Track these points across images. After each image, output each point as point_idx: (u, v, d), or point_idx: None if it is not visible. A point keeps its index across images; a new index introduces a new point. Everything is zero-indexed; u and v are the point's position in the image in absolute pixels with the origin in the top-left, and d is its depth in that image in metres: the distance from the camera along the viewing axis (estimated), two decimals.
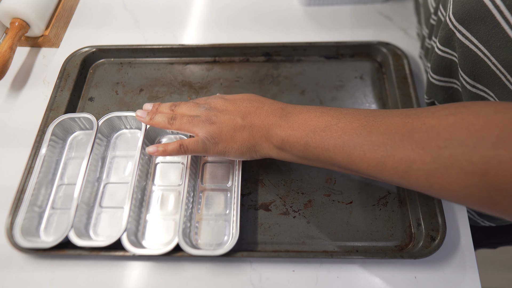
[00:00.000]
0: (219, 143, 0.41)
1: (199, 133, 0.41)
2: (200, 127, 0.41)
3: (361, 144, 0.34)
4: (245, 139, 0.41)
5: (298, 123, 0.39)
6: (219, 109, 0.43)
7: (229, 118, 0.41)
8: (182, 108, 0.44)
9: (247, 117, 0.41)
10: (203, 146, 0.41)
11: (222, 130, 0.41)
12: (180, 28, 0.63)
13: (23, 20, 0.56)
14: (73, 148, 0.50)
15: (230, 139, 0.41)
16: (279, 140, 0.39)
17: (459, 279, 0.42)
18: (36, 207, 0.45)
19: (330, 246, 0.43)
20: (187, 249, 0.40)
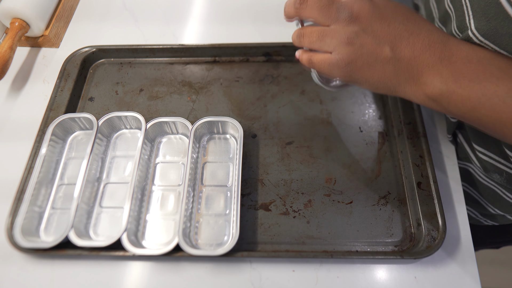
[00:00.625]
0: (352, 70, 0.34)
1: (332, 52, 0.34)
2: (335, 45, 0.33)
3: None
4: (386, 75, 0.33)
5: (468, 79, 0.31)
6: (363, 20, 0.33)
7: (374, 42, 0.33)
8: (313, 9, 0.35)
9: (397, 45, 0.32)
10: (331, 68, 0.34)
11: (361, 56, 0.33)
12: (180, 28, 0.63)
13: (23, 20, 0.56)
14: (73, 148, 0.50)
15: (367, 68, 0.33)
16: (436, 92, 0.32)
17: (459, 279, 0.42)
18: (36, 207, 0.45)
19: (330, 246, 0.43)
20: (187, 249, 0.40)
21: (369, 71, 0.33)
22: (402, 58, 0.32)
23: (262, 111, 0.53)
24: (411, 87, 0.33)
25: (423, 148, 0.48)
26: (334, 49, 0.34)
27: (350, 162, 0.49)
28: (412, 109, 0.51)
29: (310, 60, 0.35)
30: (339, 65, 0.34)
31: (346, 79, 0.35)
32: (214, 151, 0.49)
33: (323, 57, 0.35)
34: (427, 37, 0.33)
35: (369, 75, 0.34)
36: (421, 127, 0.49)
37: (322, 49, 0.35)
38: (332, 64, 0.34)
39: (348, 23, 0.33)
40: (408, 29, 0.33)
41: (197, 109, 0.54)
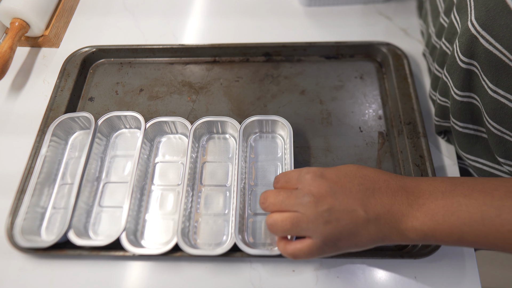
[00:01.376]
0: (341, 245, 0.34)
1: (312, 237, 0.34)
2: (311, 229, 0.34)
3: None
4: (371, 234, 0.34)
5: (441, 215, 0.32)
6: (326, 196, 0.34)
7: (348, 211, 0.34)
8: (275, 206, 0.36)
9: (368, 206, 0.34)
10: (320, 251, 0.35)
11: (343, 229, 0.34)
12: (180, 28, 0.63)
13: (23, 20, 0.56)
14: (75, 148, 0.50)
15: (353, 237, 0.34)
16: (419, 234, 0.33)
17: (459, 279, 0.42)
18: (38, 207, 0.45)
19: None
20: (186, 249, 0.40)
21: (356, 238, 0.34)
22: (378, 216, 0.33)
23: (262, 111, 0.53)
24: (397, 236, 0.34)
25: (423, 148, 0.48)
26: (313, 233, 0.34)
27: (350, 162, 0.49)
28: (412, 109, 0.51)
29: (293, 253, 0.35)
30: (327, 244, 0.34)
31: (335, 253, 0.36)
32: (214, 151, 0.49)
33: (305, 244, 0.35)
34: (387, 188, 0.34)
35: (357, 241, 0.34)
36: (421, 127, 0.49)
37: (299, 234, 0.35)
38: (319, 248, 0.34)
39: (314, 204, 0.34)
40: (368, 187, 0.34)
41: (197, 109, 0.54)
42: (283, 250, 0.37)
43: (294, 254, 0.36)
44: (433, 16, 0.51)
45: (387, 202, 0.34)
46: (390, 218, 0.33)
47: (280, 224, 0.35)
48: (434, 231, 0.32)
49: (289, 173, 0.38)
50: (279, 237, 0.38)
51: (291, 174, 0.38)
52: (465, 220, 0.31)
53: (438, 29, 0.49)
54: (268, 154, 0.49)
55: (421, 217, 0.33)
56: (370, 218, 0.33)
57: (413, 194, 0.34)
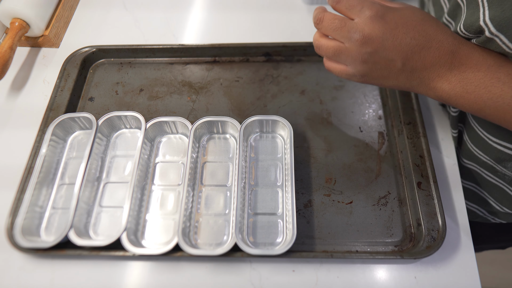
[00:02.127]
0: (368, 80, 0.38)
1: (347, 66, 0.38)
2: (349, 61, 0.37)
3: None
4: (399, 82, 0.37)
5: (474, 85, 0.34)
6: (375, 41, 0.35)
7: (387, 59, 0.36)
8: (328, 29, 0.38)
9: (409, 60, 0.35)
10: (348, 77, 0.39)
11: (375, 70, 0.37)
12: (180, 28, 0.63)
13: (23, 20, 0.56)
14: (74, 148, 0.50)
15: (381, 78, 0.37)
16: (444, 95, 0.36)
17: (459, 279, 0.42)
18: (37, 207, 0.45)
19: (330, 246, 0.43)
20: (187, 249, 0.40)
21: (384, 80, 0.37)
22: (414, 70, 0.36)
23: (262, 111, 0.53)
24: (423, 89, 0.37)
25: (423, 148, 0.48)
26: (349, 64, 0.38)
27: (350, 162, 0.49)
28: (412, 109, 0.51)
29: (328, 68, 0.40)
30: (356, 76, 0.38)
31: (362, 83, 0.40)
32: (214, 150, 0.49)
33: (341, 69, 0.39)
34: (437, 49, 0.35)
35: (384, 82, 0.38)
36: (421, 127, 0.49)
37: (338, 62, 0.39)
38: (349, 75, 0.39)
39: (361, 44, 0.36)
40: (419, 44, 0.35)
41: (197, 109, 0.54)
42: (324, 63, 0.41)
43: (329, 68, 0.40)
44: (437, 17, 0.51)
45: (429, 61, 0.35)
46: (424, 75, 0.36)
47: (324, 49, 0.39)
48: (459, 97, 0.35)
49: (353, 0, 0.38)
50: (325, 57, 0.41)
51: (354, 2, 0.37)
52: (494, 96, 0.33)
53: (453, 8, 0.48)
54: (268, 154, 0.49)
55: (453, 82, 0.35)
56: (405, 69, 0.36)
57: (459, 60, 0.35)
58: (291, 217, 0.42)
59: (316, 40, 0.40)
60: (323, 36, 0.39)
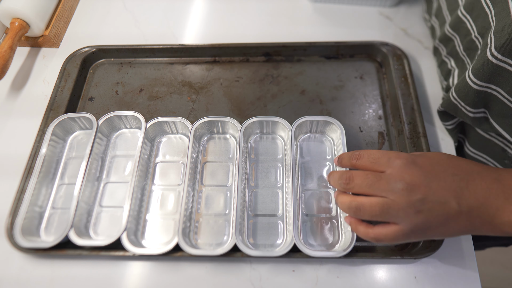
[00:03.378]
0: (428, 234, 0.34)
1: (400, 224, 0.34)
2: (401, 216, 0.33)
3: None
4: (461, 226, 0.33)
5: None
6: (420, 186, 0.33)
7: (440, 202, 0.33)
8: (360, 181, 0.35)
9: (461, 198, 0.33)
10: (405, 238, 0.34)
11: (433, 219, 0.33)
12: (180, 28, 0.63)
13: (23, 20, 0.56)
14: (74, 148, 0.50)
15: (442, 227, 0.33)
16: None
17: (459, 279, 0.42)
18: (36, 207, 0.45)
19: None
20: (187, 249, 0.40)
21: (444, 228, 0.33)
22: (471, 209, 0.33)
23: (262, 111, 0.53)
24: (488, 228, 0.33)
25: (423, 148, 0.48)
26: (402, 221, 0.34)
27: None
28: (412, 109, 0.51)
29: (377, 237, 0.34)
30: (414, 232, 0.34)
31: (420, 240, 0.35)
32: (214, 151, 0.49)
33: (394, 230, 0.34)
34: (481, 179, 0.33)
35: (445, 231, 0.34)
36: (421, 127, 0.49)
37: (387, 220, 0.34)
38: (406, 234, 0.34)
39: (407, 192, 0.33)
40: (463, 179, 0.33)
41: (197, 109, 0.54)
42: (364, 233, 0.36)
43: (377, 238, 0.35)
44: (450, 10, 0.50)
45: (481, 195, 0.33)
46: (483, 211, 0.33)
47: (368, 209, 0.34)
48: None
49: (375, 154, 0.36)
50: (358, 220, 0.37)
51: (377, 155, 0.36)
52: None
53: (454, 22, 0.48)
54: (269, 155, 0.49)
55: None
56: (462, 210, 0.32)
57: (509, 187, 0.33)
58: (291, 219, 0.42)
59: (353, 200, 0.36)
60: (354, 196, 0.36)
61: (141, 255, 0.42)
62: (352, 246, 0.40)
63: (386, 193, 0.34)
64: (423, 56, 0.58)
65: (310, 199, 0.46)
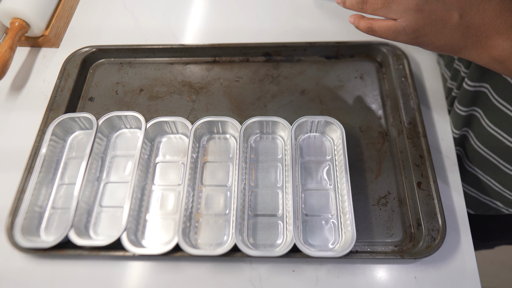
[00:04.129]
0: (418, 36, 0.34)
1: (398, 19, 0.34)
2: (401, 12, 0.33)
3: None
4: (453, 39, 0.33)
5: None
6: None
7: (444, 8, 0.32)
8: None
9: (467, 12, 0.32)
10: (395, 35, 0.34)
11: (430, 22, 0.33)
12: (180, 28, 0.63)
13: (23, 20, 0.56)
14: (73, 148, 0.50)
15: (434, 34, 0.33)
16: (504, 54, 0.32)
17: (459, 279, 0.42)
18: (36, 207, 0.45)
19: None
20: (187, 249, 0.40)
21: (436, 36, 0.33)
22: (471, 25, 0.32)
23: (262, 111, 0.53)
24: (477, 50, 0.33)
25: (423, 148, 0.48)
26: (400, 16, 0.34)
27: (350, 162, 0.49)
28: (412, 109, 0.51)
29: (370, 27, 0.35)
30: (406, 31, 0.34)
31: (410, 43, 0.35)
32: (214, 151, 0.49)
33: (387, 24, 0.34)
34: (498, 3, 0.32)
35: (435, 39, 0.34)
36: (421, 127, 0.49)
37: (387, 16, 0.35)
38: (398, 31, 0.34)
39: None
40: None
41: (197, 109, 0.54)
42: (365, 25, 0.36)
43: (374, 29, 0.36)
44: None
45: (489, 15, 0.32)
46: (481, 31, 0.32)
47: (372, 2, 0.35)
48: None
49: None
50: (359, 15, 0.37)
51: None
52: None
53: None
54: (269, 155, 0.49)
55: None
56: (461, 23, 0.32)
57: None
58: (291, 219, 0.42)
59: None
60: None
61: (141, 255, 0.42)
62: (352, 246, 0.40)
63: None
64: (423, 56, 0.58)
65: (310, 199, 0.46)
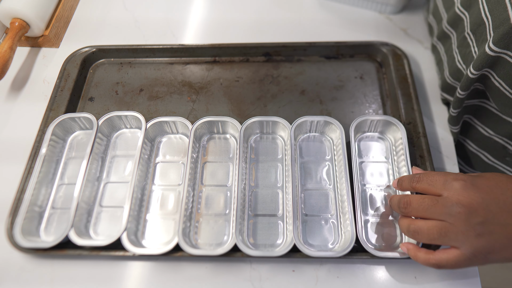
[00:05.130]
0: (490, 258, 0.33)
1: (460, 248, 0.33)
2: (461, 240, 0.33)
3: None
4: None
5: None
6: (479, 209, 0.32)
7: (500, 224, 0.32)
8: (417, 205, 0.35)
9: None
10: (468, 263, 0.33)
11: (495, 243, 0.32)
12: (180, 28, 0.63)
13: (23, 20, 0.56)
14: (73, 148, 0.50)
15: (504, 250, 0.32)
16: None
17: (459, 279, 0.42)
18: (36, 207, 0.45)
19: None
20: (187, 249, 0.40)
21: (507, 252, 0.33)
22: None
23: (262, 111, 0.53)
24: None
25: (423, 148, 0.48)
26: (462, 244, 0.33)
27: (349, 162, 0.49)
28: (412, 109, 0.51)
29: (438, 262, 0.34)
30: (477, 256, 0.33)
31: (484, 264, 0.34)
32: (214, 151, 0.49)
33: (455, 255, 0.34)
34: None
35: (509, 255, 0.33)
36: (421, 127, 0.49)
37: (446, 244, 0.34)
38: (468, 259, 0.33)
39: (466, 215, 0.33)
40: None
41: (197, 109, 0.54)
42: (424, 260, 0.35)
43: (439, 264, 0.35)
44: (446, 8, 0.51)
45: None
46: None
47: (426, 232, 0.34)
48: None
49: (433, 176, 0.36)
50: (416, 247, 0.37)
51: (435, 177, 0.36)
52: None
53: (452, 19, 0.48)
54: (269, 155, 0.49)
55: None
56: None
57: None
58: (291, 219, 0.42)
59: (411, 224, 0.36)
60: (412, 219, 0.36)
61: (141, 255, 0.42)
62: (352, 246, 0.40)
63: (444, 217, 0.33)
64: (423, 56, 0.58)
65: (309, 199, 0.46)
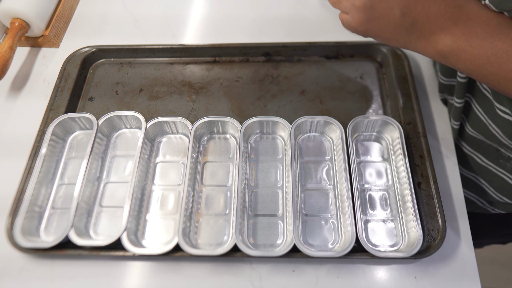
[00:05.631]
0: (365, 30, 0.37)
1: (348, 13, 0.38)
2: (349, 8, 0.37)
3: None
4: (398, 34, 0.36)
5: (480, 39, 0.32)
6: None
7: (386, 7, 0.35)
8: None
9: (410, 9, 0.34)
10: (347, 27, 0.39)
11: (373, 19, 0.36)
12: (180, 28, 0.63)
13: (23, 20, 0.56)
14: (73, 148, 0.50)
15: (379, 29, 0.36)
16: (446, 49, 0.34)
17: (459, 279, 0.42)
18: (36, 207, 0.45)
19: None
20: (187, 249, 0.40)
21: (381, 31, 0.36)
22: (415, 22, 0.34)
23: (262, 111, 0.53)
24: (422, 44, 0.35)
25: (423, 148, 0.48)
26: (349, 12, 0.38)
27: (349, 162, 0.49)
28: (412, 109, 0.51)
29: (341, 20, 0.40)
30: (353, 26, 0.38)
31: (360, 34, 0.39)
32: (214, 150, 0.49)
33: (342, 16, 0.40)
34: (443, 1, 0.33)
35: (381, 33, 0.37)
36: (421, 127, 0.49)
37: (342, 10, 0.39)
38: (348, 24, 0.39)
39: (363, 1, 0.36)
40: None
41: (197, 109, 0.54)
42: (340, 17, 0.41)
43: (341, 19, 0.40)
44: None
45: (433, 12, 0.33)
46: (426, 27, 0.34)
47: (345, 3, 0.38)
48: (461, 51, 0.33)
49: None
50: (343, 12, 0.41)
51: None
52: (499, 51, 0.31)
53: None
54: (269, 155, 0.49)
55: (457, 35, 0.33)
56: (405, 21, 0.34)
57: (467, 15, 0.33)
58: (291, 219, 0.42)
59: None
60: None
61: (141, 255, 0.42)
62: (352, 246, 0.40)
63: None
64: (423, 56, 0.58)
65: (310, 199, 0.46)
